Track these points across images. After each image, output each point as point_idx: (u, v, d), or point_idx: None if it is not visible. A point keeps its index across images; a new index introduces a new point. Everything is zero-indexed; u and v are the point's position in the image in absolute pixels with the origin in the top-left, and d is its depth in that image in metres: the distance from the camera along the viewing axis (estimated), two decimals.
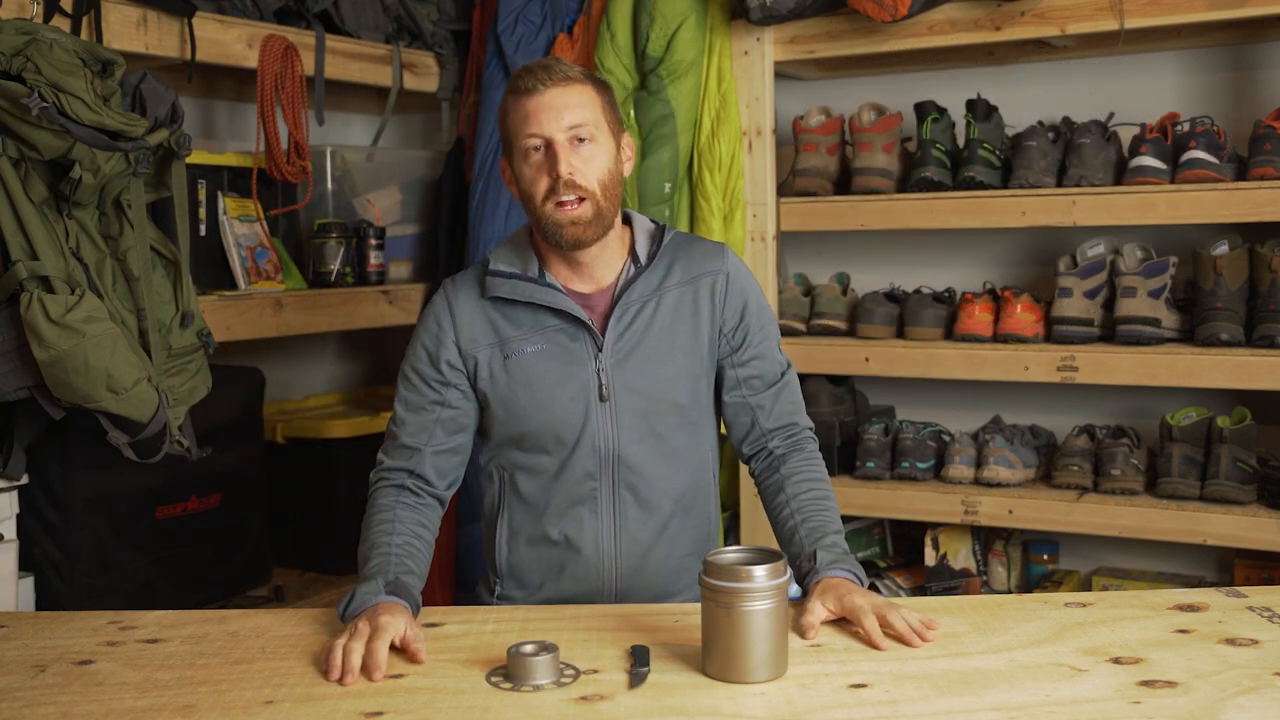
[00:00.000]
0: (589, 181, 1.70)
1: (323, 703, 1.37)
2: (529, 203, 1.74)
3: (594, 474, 1.77)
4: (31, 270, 2.00)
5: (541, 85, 1.70)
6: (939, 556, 3.02)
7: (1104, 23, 2.62)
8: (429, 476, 1.78)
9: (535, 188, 1.72)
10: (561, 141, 1.70)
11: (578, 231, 1.71)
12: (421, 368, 1.79)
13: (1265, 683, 1.35)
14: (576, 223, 1.71)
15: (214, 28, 2.57)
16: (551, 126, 1.69)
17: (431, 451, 1.78)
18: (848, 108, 3.12)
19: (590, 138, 1.72)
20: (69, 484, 2.37)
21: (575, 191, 1.69)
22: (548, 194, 1.70)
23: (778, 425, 1.85)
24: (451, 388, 1.78)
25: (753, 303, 1.84)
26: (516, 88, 1.73)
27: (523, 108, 1.71)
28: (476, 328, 1.78)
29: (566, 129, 1.70)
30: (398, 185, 3.27)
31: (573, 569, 1.79)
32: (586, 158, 1.71)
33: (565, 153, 1.70)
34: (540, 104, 1.70)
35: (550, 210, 1.71)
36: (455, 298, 1.80)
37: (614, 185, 1.75)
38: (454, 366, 1.78)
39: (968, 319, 2.86)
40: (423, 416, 1.78)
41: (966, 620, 1.58)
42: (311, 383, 3.58)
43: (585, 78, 1.75)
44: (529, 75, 1.72)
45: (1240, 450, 2.63)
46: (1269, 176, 2.54)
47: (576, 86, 1.72)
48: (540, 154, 1.71)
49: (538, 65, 1.73)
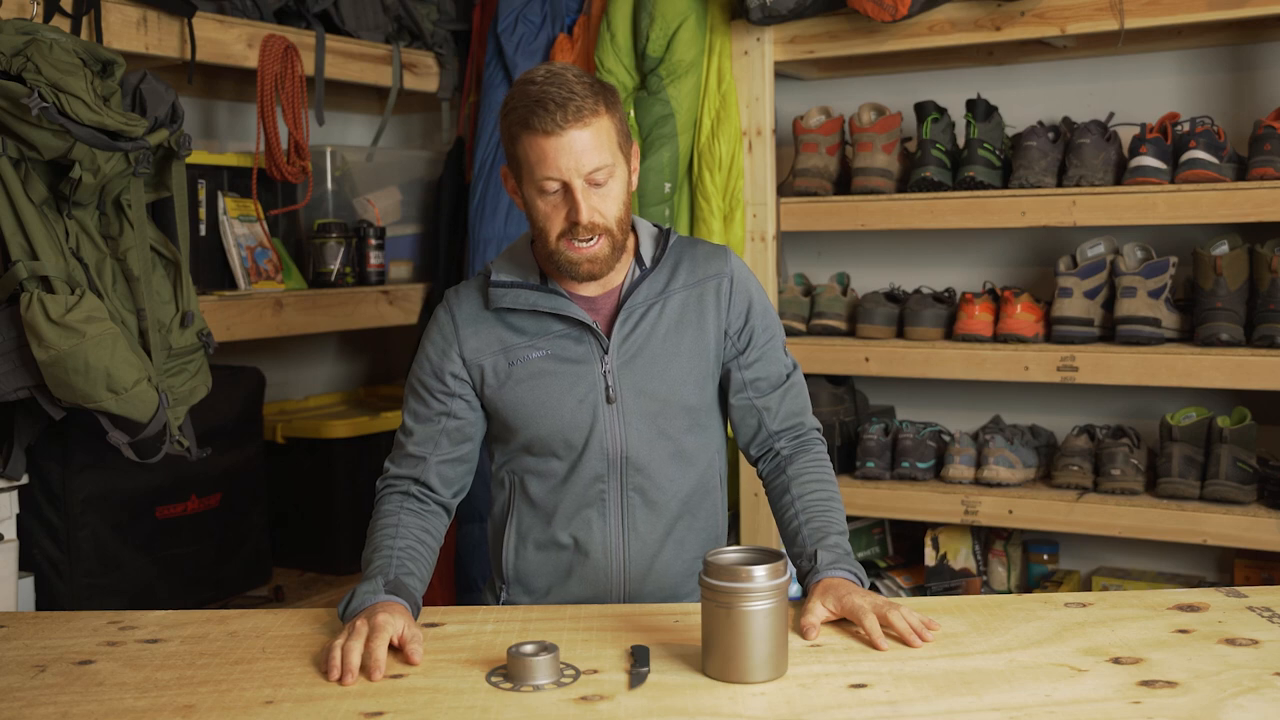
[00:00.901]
0: (607, 220, 1.68)
1: (323, 703, 1.37)
2: (541, 235, 1.70)
3: (602, 476, 1.77)
4: (31, 270, 2.00)
5: (559, 127, 1.62)
6: (939, 556, 3.03)
7: (1104, 23, 2.62)
8: (434, 485, 1.78)
9: (549, 224, 1.68)
10: (580, 186, 1.65)
11: (594, 268, 1.70)
12: (426, 379, 1.79)
13: (1265, 683, 1.35)
14: (594, 260, 1.69)
15: (214, 28, 2.58)
16: (571, 171, 1.65)
17: (437, 461, 1.78)
18: (848, 108, 3.12)
19: (609, 177, 1.68)
20: (69, 484, 2.37)
21: (593, 232, 1.67)
22: (564, 233, 1.68)
23: (784, 426, 1.84)
24: (456, 398, 1.78)
25: (757, 304, 1.83)
26: (531, 125, 1.63)
27: (539, 146, 1.64)
28: (480, 337, 1.77)
29: (586, 173, 1.65)
30: (398, 185, 3.27)
31: (580, 572, 1.79)
32: (603, 195, 1.68)
33: (584, 197, 1.66)
34: (559, 147, 1.63)
35: (564, 247, 1.69)
36: (458, 309, 1.79)
37: (627, 214, 1.73)
38: (458, 377, 1.78)
39: (968, 319, 2.86)
40: (429, 427, 1.79)
41: (966, 620, 1.58)
42: (311, 383, 3.58)
43: (599, 106, 1.66)
44: (545, 114, 1.62)
45: (1240, 450, 2.63)
46: (1269, 176, 2.54)
47: (593, 122, 1.65)
48: (558, 195, 1.67)
49: (553, 99, 1.62)
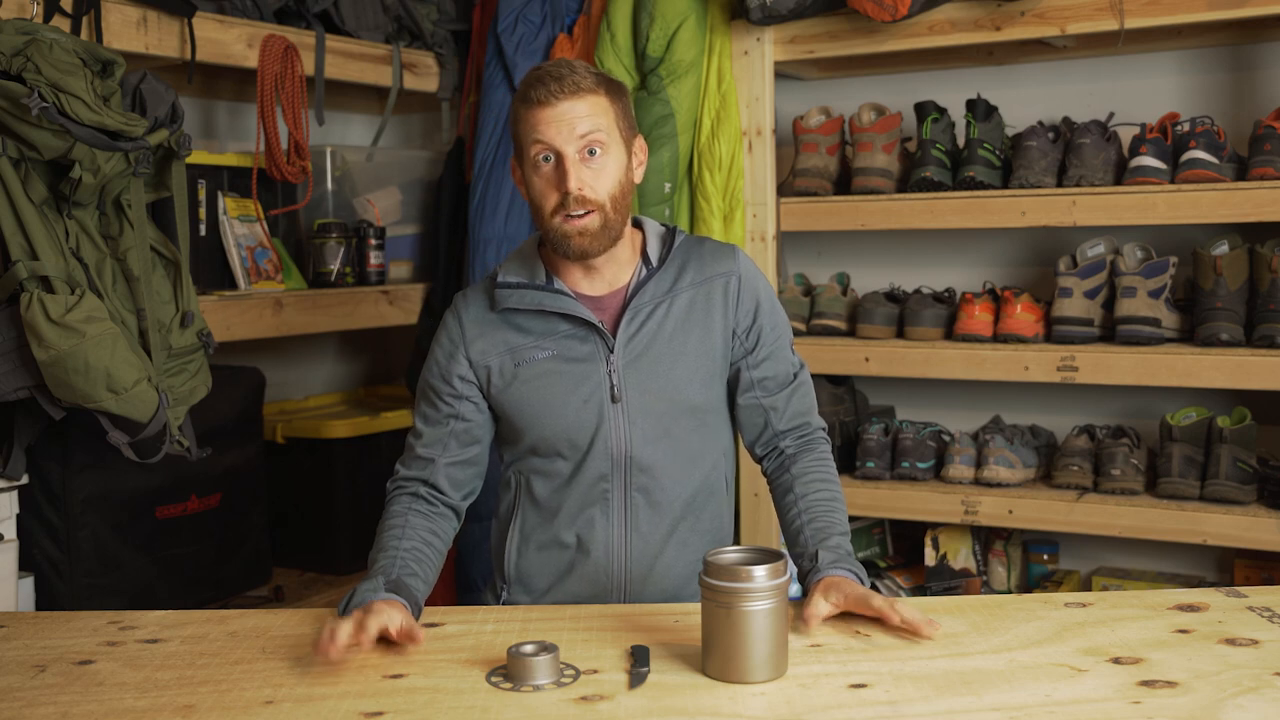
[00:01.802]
0: (598, 195, 1.69)
1: (323, 703, 1.37)
2: (537, 213, 1.73)
3: (606, 476, 1.77)
4: (31, 270, 2.00)
5: (554, 97, 1.66)
6: (939, 556, 3.03)
7: (1104, 23, 2.62)
8: (443, 487, 1.79)
9: (545, 200, 1.70)
10: (571, 155, 1.68)
11: (584, 242, 1.70)
12: (435, 382, 1.80)
13: (1265, 683, 1.35)
14: (584, 233, 1.70)
15: (214, 28, 2.57)
16: (562, 139, 1.67)
17: (445, 463, 1.79)
18: (848, 108, 3.12)
19: (602, 148, 1.69)
20: (69, 484, 2.37)
21: (584, 206, 1.68)
22: (557, 208, 1.69)
23: (790, 426, 1.84)
24: (464, 400, 1.79)
25: (765, 303, 1.83)
26: (528, 96, 1.68)
27: (533, 117, 1.68)
28: (487, 339, 1.78)
29: (577, 140, 1.67)
30: (398, 185, 3.28)
31: (581, 570, 1.79)
32: (596, 169, 1.69)
33: (575, 167, 1.68)
34: (551, 115, 1.67)
35: (558, 223, 1.70)
36: (465, 311, 1.81)
37: (624, 196, 1.73)
38: (466, 380, 1.79)
39: (968, 319, 2.86)
40: (438, 430, 1.79)
41: (966, 620, 1.58)
42: (311, 383, 3.58)
43: (598, 85, 1.70)
44: (540, 85, 1.67)
45: (1240, 450, 2.63)
46: (1269, 176, 2.54)
47: (589, 97, 1.68)
48: (550, 166, 1.69)
49: (549, 72, 1.68)
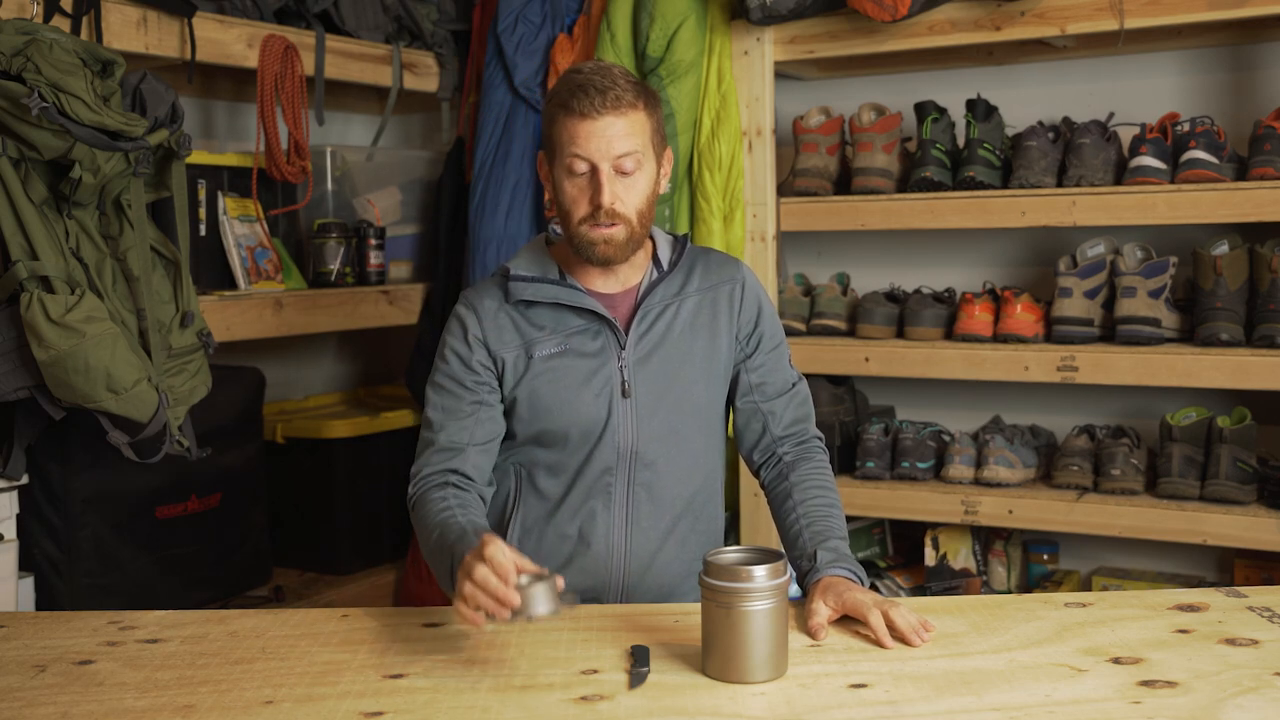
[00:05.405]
0: (628, 209, 1.72)
1: (323, 703, 1.37)
2: (565, 217, 1.75)
3: (611, 469, 1.78)
4: (31, 270, 2.00)
5: (596, 110, 1.67)
6: (939, 556, 3.02)
7: (1104, 23, 2.62)
8: (471, 474, 1.76)
9: (575, 206, 1.73)
10: (607, 170, 1.70)
11: (609, 250, 1.73)
12: (456, 373, 1.79)
13: (1265, 683, 1.35)
14: (609, 242, 1.72)
15: (214, 28, 2.58)
16: (600, 155, 1.69)
17: (474, 449, 1.77)
18: (848, 108, 3.12)
19: (636, 167, 1.72)
20: (69, 484, 2.37)
21: (613, 219, 1.71)
22: (586, 216, 1.72)
23: (788, 432, 1.86)
24: (486, 386, 1.79)
25: (766, 311, 1.88)
26: (570, 105, 1.69)
27: (574, 127, 1.69)
28: (502, 331, 1.79)
29: (614, 158, 1.70)
30: (398, 185, 3.28)
31: (581, 563, 1.80)
32: (629, 185, 1.72)
33: (610, 181, 1.70)
34: (592, 130, 1.68)
35: (585, 230, 1.72)
36: (479, 303, 1.81)
37: (650, 209, 1.76)
38: (486, 366, 1.79)
39: (968, 319, 2.86)
40: (462, 419, 1.78)
41: (966, 620, 1.58)
42: (311, 383, 3.58)
43: (638, 99, 1.71)
44: (584, 96, 1.68)
45: (1240, 450, 2.63)
46: (1269, 176, 2.54)
47: (630, 113, 1.70)
48: (584, 177, 1.71)
49: (593, 83, 1.68)
